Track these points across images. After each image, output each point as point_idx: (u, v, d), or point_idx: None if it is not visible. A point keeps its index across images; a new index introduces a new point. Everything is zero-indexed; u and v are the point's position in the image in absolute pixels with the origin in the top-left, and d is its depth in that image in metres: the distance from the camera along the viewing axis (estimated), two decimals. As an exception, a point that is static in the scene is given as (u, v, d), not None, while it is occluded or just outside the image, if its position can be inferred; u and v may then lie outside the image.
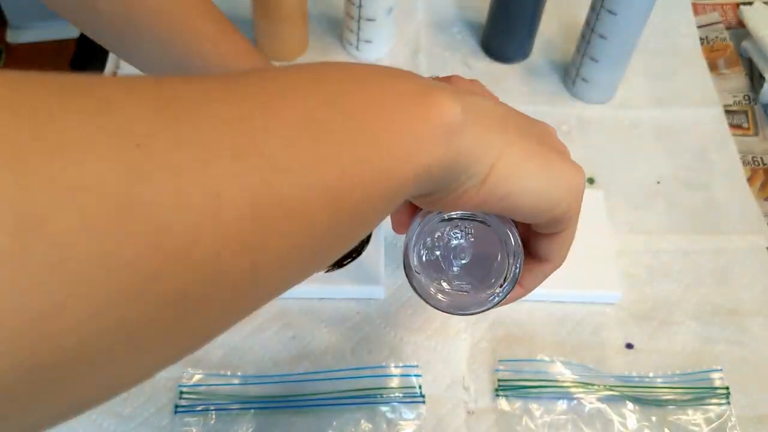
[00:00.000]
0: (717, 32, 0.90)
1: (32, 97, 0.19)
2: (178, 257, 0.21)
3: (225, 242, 0.22)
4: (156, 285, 0.21)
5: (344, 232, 0.29)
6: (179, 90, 0.24)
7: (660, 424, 0.60)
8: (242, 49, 0.56)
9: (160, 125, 0.22)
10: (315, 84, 0.29)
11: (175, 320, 0.22)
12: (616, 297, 0.66)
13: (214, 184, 0.22)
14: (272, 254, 0.25)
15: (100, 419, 0.58)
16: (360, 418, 0.59)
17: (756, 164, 0.78)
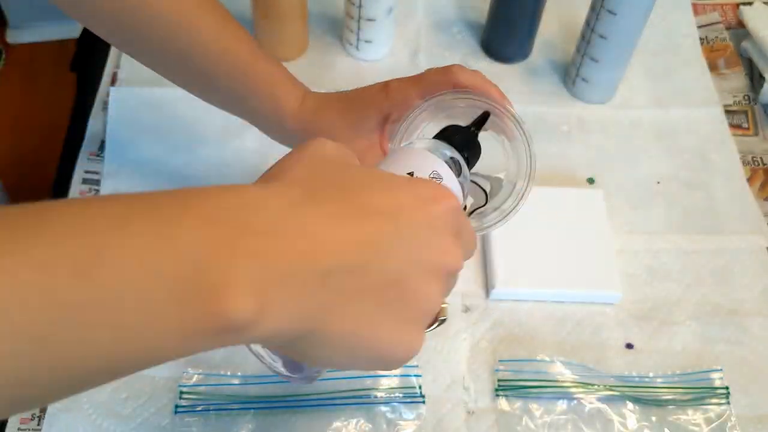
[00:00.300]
0: (717, 32, 0.90)
1: None
2: None
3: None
4: None
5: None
6: None
7: (660, 424, 0.60)
8: (244, 43, 0.56)
9: None
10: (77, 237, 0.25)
11: None
12: (616, 297, 0.66)
13: None
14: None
15: (100, 419, 0.58)
16: (360, 418, 0.59)
17: (756, 164, 0.78)
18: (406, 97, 0.54)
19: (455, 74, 0.53)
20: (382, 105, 0.54)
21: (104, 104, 0.77)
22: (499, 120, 0.53)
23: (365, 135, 0.55)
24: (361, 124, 0.55)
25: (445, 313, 0.36)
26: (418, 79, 0.54)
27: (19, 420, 0.59)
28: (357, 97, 0.56)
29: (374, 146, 0.56)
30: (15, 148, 1.62)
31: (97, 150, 0.74)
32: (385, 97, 0.54)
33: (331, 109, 0.56)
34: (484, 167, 0.55)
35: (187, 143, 0.74)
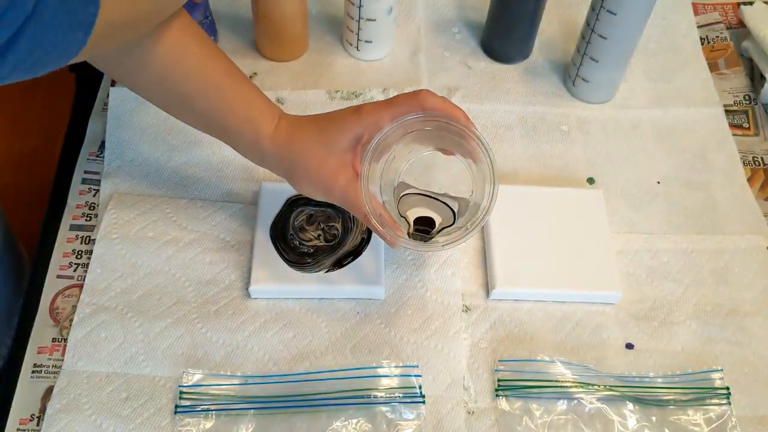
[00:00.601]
0: (717, 32, 0.90)
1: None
2: None
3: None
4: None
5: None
6: None
7: (660, 425, 0.60)
8: (222, 65, 0.58)
9: None
10: None
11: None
12: (616, 297, 0.66)
13: None
14: None
15: (100, 420, 0.58)
16: (360, 418, 0.59)
17: (756, 164, 0.78)
18: (377, 119, 0.56)
19: (424, 99, 0.55)
20: (355, 127, 0.57)
21: (104, 104, 0.77)
22: (465, 142, 0.56)
23: (338, 155, 0.57)
24: (334, 145, 0.57)
25: None
26: (389, 103, 0.57)
27: (19, 420, 0.59)
28: (330, 120, 0.58)
29: (347, 166, 0.57)
30: (15, 148, 1.61)
31: (97, 150, 0.74)
32: (357, 119, 0.57)
33: (304, 131, 0.58)
34: (453, 189, 0.59)
35: (187, 143, 0.74)
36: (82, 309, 0.63)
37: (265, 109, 0.59)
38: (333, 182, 0.57)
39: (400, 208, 0.58)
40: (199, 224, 0.69)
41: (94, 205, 0.70)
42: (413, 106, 0.56)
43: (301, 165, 0.58)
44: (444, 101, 0.56)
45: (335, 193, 0.57)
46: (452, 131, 0.56)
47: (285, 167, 0.59)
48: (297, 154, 0.58)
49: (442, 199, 0.59)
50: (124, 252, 0.66)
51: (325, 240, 0.66)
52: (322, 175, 0.57)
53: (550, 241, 0.68)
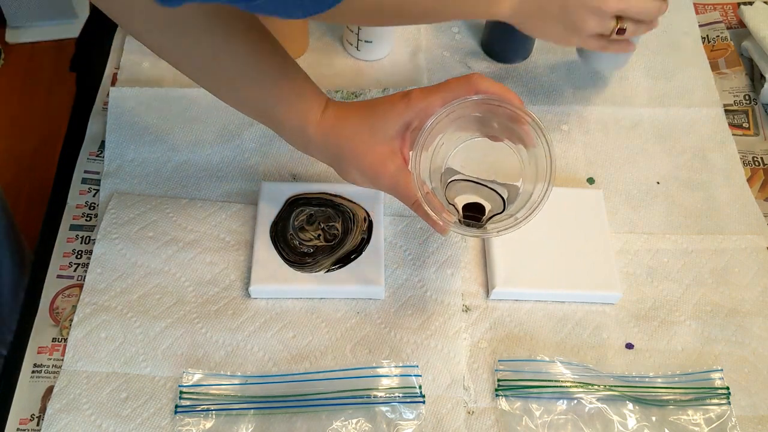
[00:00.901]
0: (717, 31, 0.90)
1: None
2: None
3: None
4: None
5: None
6: None
7: (660, 424, 0.60)
8: (274, 53, 0.57)
9: None
10: None
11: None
12: (616, 297, 0.66)
13: None
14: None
15: (100, 420, 0.58)
16: (360, 418, 0.59)
17: (756, 164, 0.78)
18: (427, 104, 0.55)
19: (476, 82, 0.54)
20: (403, 113, 0.55)
21: (104, 104, 0.77)
22: (517, 127, 0.54)
23: (386, 142, 0.56)
24: (381, 132, 0.56)
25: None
26: (439, 87, 0.55)
27: (19, 420, 0.59)
28: (378, 106, 0.57)
29: (395, 153, 0.56)
30: (15, 148, 1.62)
31: (97, 150, 0.74)
32: (406, 105, 0.55)
33: (351, 117, 0.57)
34: (501, 176, 0.57)
35: (187, 143, 0.74)
36: (82, 309, 0.63)
37: (312, 96, 0.58)
38: (382, 170, 0.56)
39: (447, 194, 0.57)
40: (199, 224, 0.69)
41: (94, 205, 0.70)
42: (465, 90, 0.54)
43: (348, 152, 0.57)
44: (496, 84, 0.55)
45: (384, 181, 0.57)
46: (505, 115, 0.54)
47: (331, 154, 0.58)
48: (344, 141, 0.57)
49: (490, 186, 0.58)
50: (124, 252, 0.66)
51: (325, 240, 0.66)
52: (370, 162, 0.56)
53: (550, 241, 0.68)
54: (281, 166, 0.73)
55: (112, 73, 0.80)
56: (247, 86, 0.57)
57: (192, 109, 0.77)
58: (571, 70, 0.83)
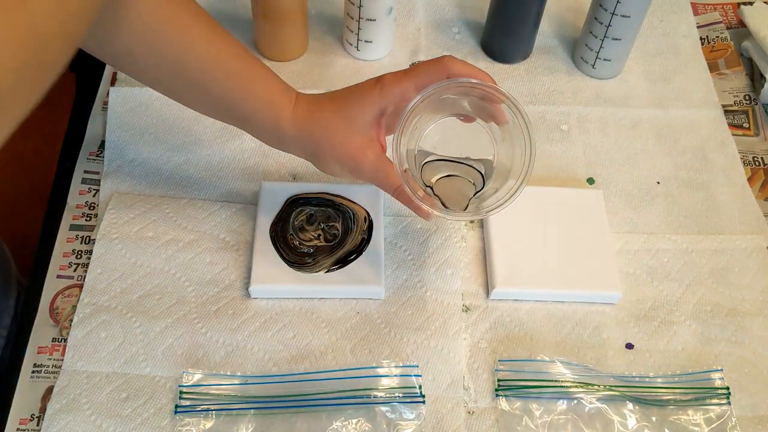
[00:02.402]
0: (717, 32, 0.90)
1: None
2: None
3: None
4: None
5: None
6: None
7: (660, 425, 0.60)
8: (235, 50, 0.57)
9: None
10: None
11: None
12: (616, 297, 0.66)
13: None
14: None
15: (100, 420, 0.58)
16: (360, 418, 0.59)
17: (756, 164, 0.78)
18: (401, 90, 0.54)
19: (448, 64, 0.53)
20: (378, 100, 0.55)
21: (104, 104, 0.77)
22: (489, 105, 0.54)
23: (363, 131, 0.55)
24: (357, 121, 0.55)
25: None
26: (411, 71, 0.55)
27: (19, 420, 0.59)
28: (350, 95, 0.56)
29: (373, 141, 0.56)
30: (15, 148, 1.62)
31: (97, 150, 0.74)
32: (379, 92, 0.55)
33: (325, 109, 0.57)
34: (475, 153, 0.57)
35: (187, 143, 0.74)
36: (82, 309, 0.63)
37: (282, 91, 0.57)
38: (362, 160, 0.55)
39: (424, 176, 0.57)
40: (199, 224, 0.69)
41: (94, 205, 0.70)
42: (438, 73, 0.53)
43: (325, 145, 0.56)
44: (468, 66, 0.54)
45: (365, 171, 0.56)
46: (477, 95, 0.54)
47: (308, 149, 0.58)
48: (319, 134, 0.56)
49: (465, 162, 0.57)
50: (124, 252, 0.66)
51: (325, 240, 0.66)
52: (349, 153, 0.55)
53: (550, 241, 0.68)
54: (281, 166, 0.73)
55: (112, 73, 0.80)
56: (214, 89, 0.56)
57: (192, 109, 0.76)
58: (571, 70, 0.84)
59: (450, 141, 0.58)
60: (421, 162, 0.57)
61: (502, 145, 0.55)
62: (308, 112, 0.57)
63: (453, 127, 0.57)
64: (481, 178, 0.57)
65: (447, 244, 0.69)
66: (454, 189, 0.57)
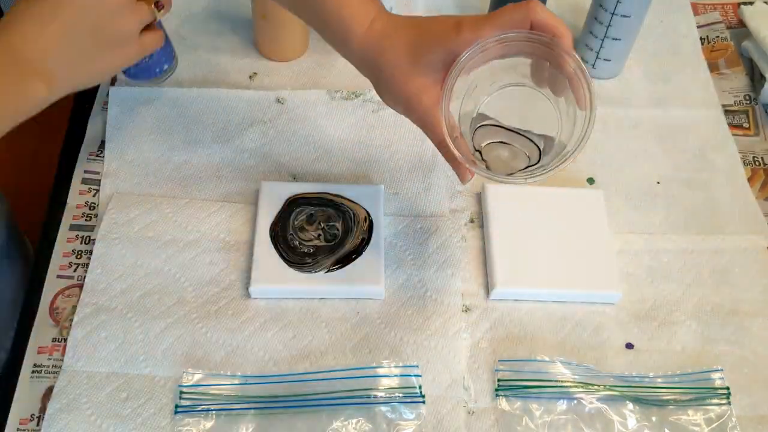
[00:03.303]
0: (717, 32, 0.90)
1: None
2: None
3: None
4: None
5: None
6: None
7: (660, 425, 0.60)
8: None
9: None
10: None
11: None
12: (616, 297, 0.66)
13: None
14: None
15: (100, 420, 0.58)
16: (360, 418, 0.59)
17: (756, 164, 0.78)
18: (479, 37, 0.51)
19: (533, 9, 0.50)
20: (451, 44, 0.52)
21: (104, 104, 0.77)
22: (560, 72, 0.50)
23: (428, 73, 0.53)
24: (424, 61, 0.53)
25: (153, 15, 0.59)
26: (492, 17, 0.51)
27: (19, 420, 0.59)
28: (426, 30, 0.53)
29: (434, 85, 0.53)
30: (15, 148, 1.61)
31: (97, 150, 0.74)
32: (456, 35, 0.51)
33: (398, 38, 0.54)
34: (538, 127, 0.54)
35: (187, 143, 0.74)
36: (82, 309, 0.63)
37: (359, 7, 0.55)
38: (416, 102, 0.53)
39: (476, 141, 0.54)
40: (199, 224, 0.69)
41: (94, 205, 0.70)
42: (520, 17, 0.50)
43: (386, 76, 0.54)
44: (553, 17, 0.50)
45: (415, 113, 0.54)
46: (555, 58, 0.50)
47: (371, 74, 0.56)
48: (384, 63, 0.54)
49: (525, 134, 0.54)
50: (124, 252, 0.66)
51: (325, 240, 0.66)
52: (406, 93, 0.53)
53: (550, 241, 0.68)
54: (281, 166, 0.73)
55: (112, 73, 0.80)
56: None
57: (192, 109, 0.77)
58: (571, 70, 0.83)
59: (514, 110, 0.55)
60: (476, 125, 0.55)
61: (566, 123, 0.52)
62: (380, 37, 0.55)
63: (520, 97, 0.54)
64: (537, 153, 0.54)
65: (447, 244, 0.69)
66: (503, 158, 0.54)
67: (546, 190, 0.71)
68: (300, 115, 0.77)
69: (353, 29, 0.55)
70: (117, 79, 0.79)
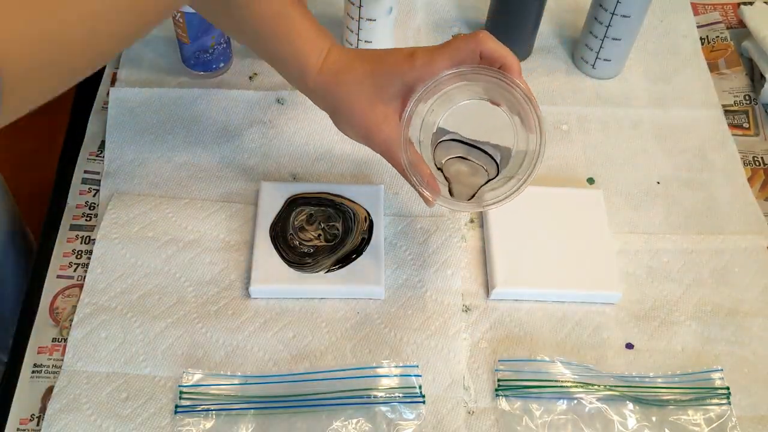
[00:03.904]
0: (717, 32, 0.90)
1: None
2: None
3: None
4: None
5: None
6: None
7: (660, 424, 0.60)
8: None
9: None
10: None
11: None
12: (616, 297, 0.66)
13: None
14: None
15: (100, 420, 0.58)
16: (360, 418, 0.59)
17: (756, 164, 0.78)
18: (432, 67, 0.53)
19: (482, 41, 0.52)
20: (407, 74, 0.53)
21: (104, 104, 0.77)
22: (511, 96, 0.53)
23: (387, 103, 0.54)
24: (382, 91, 0.54)
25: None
26: (444, 48, 0.53)
27: (19, 420, 0.59)
28: (382, 63, 0.55)
29: (391, 116, 0.55)
30: (15, 148, 1.61)
31: (97, 150, 0.74)
32: (410, 66, 0.53)
33: (354, 71, 0.55)
34: (495, 139, 0.57)
35: (187, 143, 0.74)
36: (82, 309, 0.63)
37: (313, 40, 0.56)
38: (376, 131, 0.54)
39: (437, 156, 0.56)
40: (199, 224, 0.69)
41: (94, 205, 0.70)
42: (470, 49, 0.52)
43: (345, 107, 0.55)
44: (502, 47, 0.52)
45: (376, 142, 0.55)
46: (502, 86, 0.53)
47: (329, 106, 0.57)
48: (342, 95, 0.55)
49: (482, 147, 0.56)
50: (124, 252, 0.66)
51: (325, 240, 0.66)
52: (366, 122, 0.55)
53: (550, 241, 0.68)
54: (281, 166, 0.73)
55: (112, 73, 0.80)
56: (250, 25, 0.55)
57: (192, 109, 0.77)
58: (571, 70, 0.84)
59: (471, 124, 0.57)
60: (437, 140, 0.56)
61: (522, 136, 0.55)
62: (336, 70, 0.56)
63: (478, 112, 0.56)
64: (495, 166, 0.56)
65: (447, 244, 0.69)
66: (465, 175, 0.56)
67: (546, 190, 0.71)
68: (300, 115, 0.77)
69: (309, 62, 0.56)
70: (117, 79, 0.79)
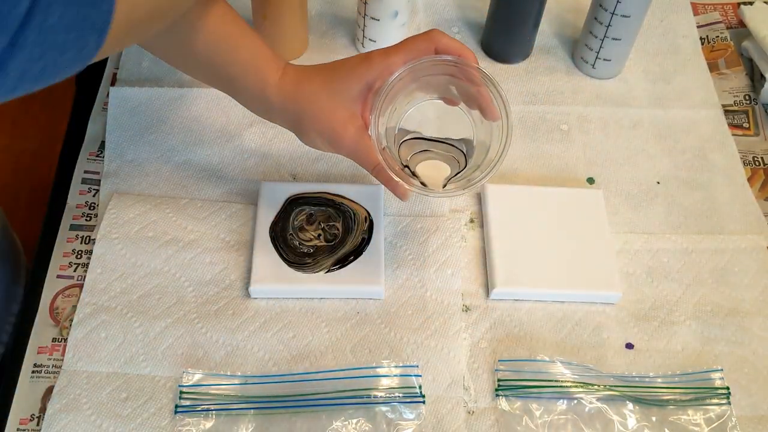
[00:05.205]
0: (717, 32, 0.90)
1: None
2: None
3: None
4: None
5: None
6: None
7: (660, 424, 0.60)
8: (227, 15, 0.57)
9: None
10: None
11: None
12: (616, 297, 0.66)
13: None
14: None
15: (100, 420, 0.58)
16: (360, 418, 0.59)
17: (756, 164, 0.78)
18: (389, 64, 0.54)
19: (436, 38, 0.54)
20: (365, 74, 0.55)
21: (104, 104, 0.77)
22: (474, 89, 0.55)
23: (347, 105, 0.55)
24: (343, 94, 0.55)
25: None
26: (399, 46, 0.55)
27: (19, 420, 0.59)
28: (338, 68, 0.56)
29: (356, 116, 0.56)
30: (15, 148, 1.62)
31: (97, 150, 0.74)
32: (367, 66, 0.55)
33: (312, 80, 0.57)
34: (456, 135, 0.58)
35: (187, 143, 0.74)
36: (82, 309, 0.63)
37: (270, 58, 0.57)
38: (342, 133, 0.55)
39: (401, 154, 0.57)
40: (199, 224, 0.69)
41: (94, 205, 0.70)
42: (426, 47, 0.54)
43: (308, 115, 0.56)
44: (455, 41, 0.54)
45: (344, 144, 0.56)
46: (462, 75, 0.54)
47: (291, 118, 0.58)
48: (304, 104, 0.56)
49: (446, 141, 0.58)
50: (124, 252, 0.66)
51: (325, 240, 0.66)
52: (331, 126, 0.55)
53: (550, 241, 0.68)
54: (281, 166, 0.73)
55: (112, 73, 0.80)
56: (203, 51, 0.56)
57: (192, 109, 0.77)
58: (571, 70, 0.84)
59: (431, 122, 0.59)
60: (400, 140, 0.58)
61: (481, 127, 0.56)
62: (295, 82, 0.57)
63: (435, 110, 0.58)
64: (464, 156, 0.58)
65: (447, 244, 0.69)
66: (433, 168, 0.58)
67: (546, 190, 0.71)
68: (300, 115, 0.77)
69: (269, 78, 0.57)
70: (117, 78, 0.79)
